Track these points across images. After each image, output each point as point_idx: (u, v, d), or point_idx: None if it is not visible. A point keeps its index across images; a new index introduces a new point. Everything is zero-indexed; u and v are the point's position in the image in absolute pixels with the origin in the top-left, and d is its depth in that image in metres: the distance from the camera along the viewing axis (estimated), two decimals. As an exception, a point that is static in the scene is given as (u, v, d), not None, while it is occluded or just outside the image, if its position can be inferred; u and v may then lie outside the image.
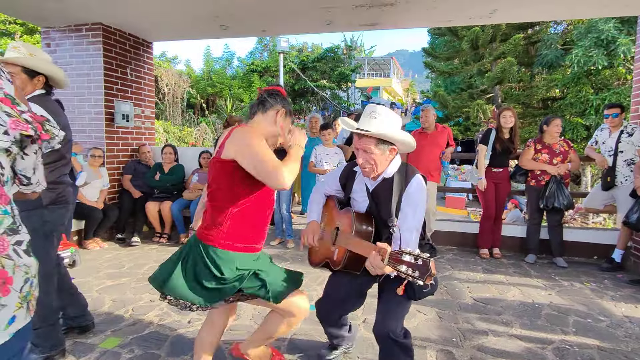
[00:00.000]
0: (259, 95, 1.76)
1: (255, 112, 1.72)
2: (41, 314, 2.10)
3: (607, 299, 3.26)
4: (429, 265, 1.34)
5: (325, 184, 2.15)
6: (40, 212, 2.05)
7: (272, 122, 1.71)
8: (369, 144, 1.75)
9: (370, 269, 1.55)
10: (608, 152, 4.12)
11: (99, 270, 3.85)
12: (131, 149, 5.56)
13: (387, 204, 1.80)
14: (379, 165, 1.80)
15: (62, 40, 5.16)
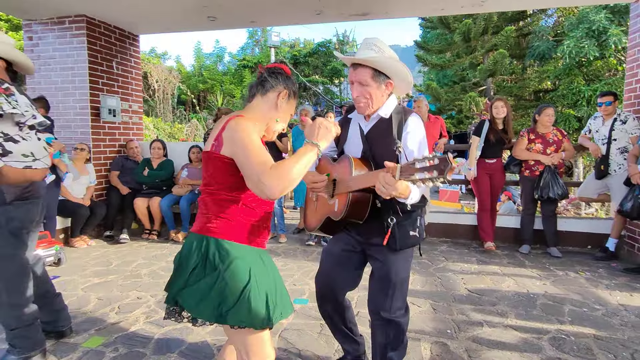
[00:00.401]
0: (258, 74, 1.52)
1: (254, 93, 1.49)
2: (15, 315, 2.01)
3: (602, 288, 3.23)
4: (447, 158, 1.16)
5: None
6: (4, 209, 1.94)
7: (272, 105, 1.47)
8: (364, 75, 1.64)
9: (382, 191, 1.35)
10: (601, 141, 4.09)
11: (86, 268, 3.75)
12: (119, 144, 5.44)
13: (384, 147, 1.65)
14: (375, 100, 1.68)
15: (45, 34, 5.01)
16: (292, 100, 1.51)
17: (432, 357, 2.20)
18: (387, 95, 1.73)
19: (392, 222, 1.64)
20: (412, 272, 3.63)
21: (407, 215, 1.67)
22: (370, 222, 1.69)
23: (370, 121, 1.76)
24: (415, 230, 1.69)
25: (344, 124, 1.87)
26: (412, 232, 1.68)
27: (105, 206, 4.84)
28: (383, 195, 1.38)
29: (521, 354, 2.23)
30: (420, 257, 4.08)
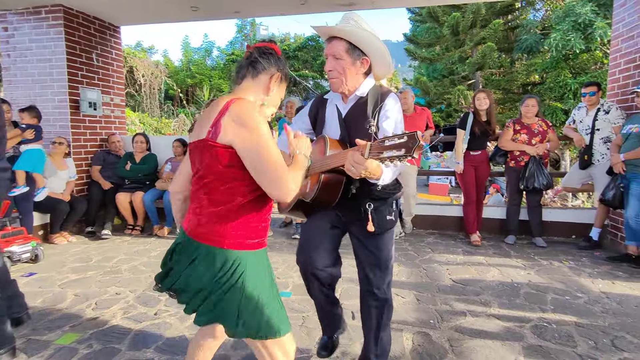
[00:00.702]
0: (247, 53, 1.39)
1: (244, 75, 1.35)
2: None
3: (584, 276, 3.24)
4: (416, 136, 1.16)
5: (293, 125, 1.93)
6: None
7: (264, 89, 1.36)
8: (339, 48, 1.59)
9: (351, 170, 1.32)
10: (585, 131, 4.10)
11: (64, 264, 3.65)
12: (100, 138, 5.32)
13: (364, 130, 1.56)
14: (348, 78, 1.62)
15: (21, 24, 4.85)
16: (284, 84, 1.42)
17: (413, 348, 2.18)
18: (362, 75, 1.67)
19: (369, 207, 1.64)
20: (397, 263, 3.61)
21: (383, 201, 1.68)
22: (349, 205, 1.68)
23: (348, 102, 1.71)
24: (392, 214, 1.73)
25: (319, 106, 1.83)
26: (388, 217, 1.71)
27: (86, 201, 4.73)
28: (352, 174, 1.34)
29: (503, 342, 2.21)
30: (406, 249, 4.06)
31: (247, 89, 1.35)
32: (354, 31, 1.57)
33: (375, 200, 1.66)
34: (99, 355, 2.12)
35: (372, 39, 1.60)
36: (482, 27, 13.28)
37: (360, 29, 1.58)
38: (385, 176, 1.45)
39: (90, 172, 5.05)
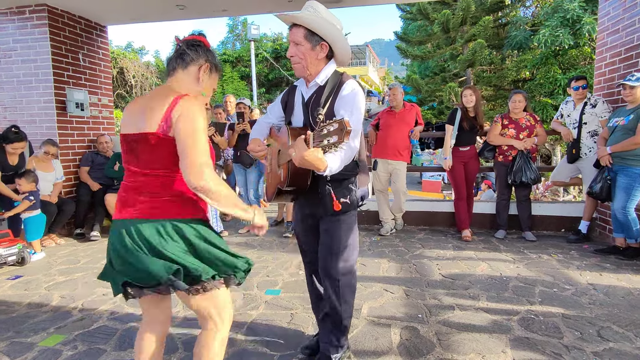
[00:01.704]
0: (176, 46, 1.45)
1: (175, 67, 1.41)
2: None
3: (572, 269, 3.26)
4: (343, 123, 1.25)
5: (268, 112, 2.06)
6: None
7: (194, 79, 1.42)
8: (298, 35, 1.67)
9: (294, 157, 1.40)
10: (573, 125, 4.12)
11: (51, 266, 3.61)
12: (88, 139, 5.26)
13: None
14: (309, 63, 1.70)
15: (4, 24, 4.78)
16: (215, 74, 1.49)
17: (401, 342, 2.18)
18: (324, 60, 1.74)
19: (329, 188, 1.73)
20: (387, 259, 3.61)
21: (338, 184, 1.76)
22: (310, 192, 1.77)
23: (309, 88, 1.79)
24: (346, 197, 1.78)
25: (289, 92, 1.92)
26: (342, 199, 1.77)
27: (74, 203, 4.68)
28: (296, 163, 1.40)
29: (490, 335, 2.22)
30: (397, 245, 4.06)
31: (179, 80, 1.42)
32: (310, 18, 1.64)
33: (333, 182, 1.73)
34: (83, 356, 2.09)
35: (327, 24, 1.67)
36: (472, 24, 13.34)
37: (317, 17, 1.65)
38: (332, 166, 1.48)
39: (78, 174, 4.99)
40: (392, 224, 4.65)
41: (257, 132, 2.00)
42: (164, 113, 1.28)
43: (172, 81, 1.42)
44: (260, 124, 2.04)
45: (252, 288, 3.01)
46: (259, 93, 19.35)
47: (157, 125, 1.28)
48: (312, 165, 1.40)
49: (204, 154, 1.27)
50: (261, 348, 2.15)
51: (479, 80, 13.30)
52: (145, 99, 1.39)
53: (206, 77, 1.45)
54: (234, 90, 18.71)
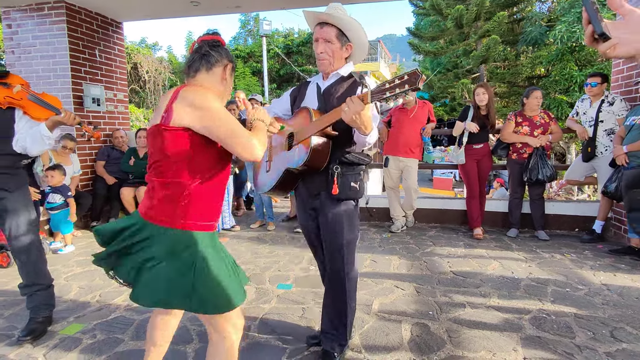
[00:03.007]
0: (194, 46, 1.43)
1: (198, 68, 1.39)
2: None
3: (586, 269, 3.23)
4: (417, 71, 1.33)
5: (271, 106, 2.13)
6: None
7: (220, 80, 1.42)
8: (330, 33, 1.78)
9: (351, 116, 1.49)
10: (588, 123, 4.06)
11: (70, 258, 3.71)
12: (104, 134, 5.36)
13: (341, 102, 1.65)
14: (336, 59, 1.82)
15: (24, 21, 4.89)
16: (233, 73, 1.52)
17: (412, 338, 2.20)
18: (344, 59, 1.88)
19: (336, 170, 1.78)
20: (398, 256, 3.62)
21: (350, 168, 1.81)
22: (318, 175, 1.83)
23: (328, 80, 1.90)
24: (357, 182, 1.83)
25: (301, 87, 2.01)
26: (352, 184, 1.81)
27: (90, 196, 4.79)
28: (344, 116, 1.50)
29: (501, 333, 2.22)
30: (407, 242, 4.07)
31: (202, 81, 1.40)
32: (345, 19, 1.75)
33: (343, 165, 1.79)
34: (102, 345, 2.16)
35: (359, 28, 1.80)
36: (486, 20, 13.16)
37: (349, 18, 1.76)
38: (372, 134, 1.64)
39: (94, 168, 5.10)
40: (403, 221, 4.65)
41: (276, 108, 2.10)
42: (167, 104, 1.29)
43: (194, 82, 1.40)
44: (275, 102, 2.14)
45: (264, 282, 3.05)
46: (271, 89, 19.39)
47: (160, 117, 1.30)
48: (364, 123, 1.52)
49: (242, 131, 1.28)
50: (273, 341, 2.19)
51: (492, 77, 13.13)
52: (162, 97, 1.40)
53: (230, 77, 1.46)
54: (246, 85, 18.78)
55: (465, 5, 13.18)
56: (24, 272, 2.30)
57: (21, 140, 2.22)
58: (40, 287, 2.33)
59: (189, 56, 1.45)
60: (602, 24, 0.74)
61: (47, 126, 2.19)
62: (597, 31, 0.75)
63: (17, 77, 2.31)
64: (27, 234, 2.28)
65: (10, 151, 2.23)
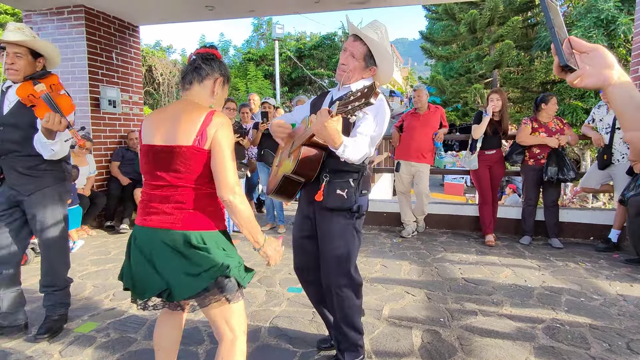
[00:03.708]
0: (190, 59, 1.50)
1: (191, 81, 1.46)
2: None
3: (601, 279, 3.18)
4: (373, 85, 1.34)
5: (294, 111, 2.14)
6: None
7: (210, 92, 1.49)
8: (359, 50, 1.77)
9: (317, 127, 1.50)
10: (605, 130, 4.00)
11: (84, 257, 3.78)
12: (119, 135, 5.45)
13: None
14: (354, 76, 1.80)
15: (44, 24, 5.02)
16: (226, 86, 1.55)
17: (422, 345, 2.18)
18: (364, 78, 1.84)
19: (325, 178, 1.76)
20: (408, 262, 3.60)
21: (339, 175, 1.77)
22: (313, 184, 1.80)
23: (339, 92, 1.86)
24: (344, 191, 1.76)
25: (320, 97, 2.01)
26: (339, 191, 1.75)
27: (105, 196, 4.88)
28: (315, 132, 1.52)
29: (514, 342, 2.20)
30: (418, 248, 4.05)
31: (196, 94, 1.47)
32: (379, 43, 1.75)
33: (333, 173, 1.76)
34: (115, 344, 2.20)
35: (390, 57, 1.80)
36: (500, 25, 13.04)
37: (383, 43, 1.76)
38: (347, 144, 1.56)
39: (109, 168, 5.19)
40: (414, 226, 4.63)
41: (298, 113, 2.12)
42: (199, 128, 1.36)
43: (190, 95, 1.48)
44: (283, 117, 2.13)
45: (274, 285, 3.07)
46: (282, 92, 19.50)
47: (193, 140, 1.35)
48: (330, 136, 1.50)
49: (235, 174, 1.39)
50: (283, 344, 2.20)
51: (505, 82, 12.99)
52: (168, 112, 1.43)
53: (220, 90, 1.51)
54: (258, 88, 18.91)
55: (479, 10, 13.09)
56: (44, 270, 2.33)
57: (35, 142, 2.16)
58: (58, 288, 2.36)
59: (183, 68, 1.52)
60: (565, 56, 0.75)
61: (41, 132, 2.07)
62: (561, 63, 0.76)
63: (53, 77, 2.27)
64: (50, 235, 2.27)
65: (33, 152, 2.18)
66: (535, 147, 4.14)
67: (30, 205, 2.21)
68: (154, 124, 1.43)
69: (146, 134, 1.44)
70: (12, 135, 2.15)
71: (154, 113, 1.50)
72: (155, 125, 1.42)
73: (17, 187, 2.18)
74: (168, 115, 1.42)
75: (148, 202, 1.42)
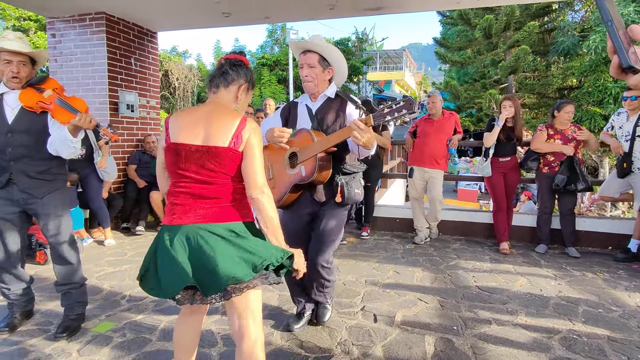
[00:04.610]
0: (219, 64, 1.59)
1: (218, 85, 1.55)
2: None
3: (620, 290, 3.10)
4: (411, 98, 1.62)
5: (263, 126, 2.32)
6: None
7: (233, 97, 1.57)
8: (313, 59, 2.07)
9: (356, 136, 1.75)
10: (625, 137, 3.92)
11: (101, 257, 3.86)
12: (136, 139, 5.57)
13: (332, 120, 2.11)
14: (319, 82, 2.11)
15: (67, 31, 5.17)
16: (251, 92, 1.63)
17: (435, 353, 2.16)
18: (328, 81, 2.16)
19: (340, 181, 2.08)
20: (421, 268, 3.58)
21: (351, 177, 2.12)
22: (324, 186, 2.11)
23: (317, 101, 2.18)
24: (359, 189, 2.15)
25: (290, 107, 2.27)
26: (356, 190, 2.12)
27: (122, 199, 4.97)
28: (357, 140, 1.75)
29: (529, 352, 2.16)
30: (431, 255, 4.02)
31: (222, 97, 1.56)
32: (325, 46, 2.08)
33: (345, 175, 2.10)
34: (131, 344, 2.24)
35: (338, 54, 2.12)
36: (516, 30, 12.92)
37: (328, 46, 2.08)
38: (372, 149, 1.93)
39: (126, 171, 5.30)
40: (427, 233, 4.60)
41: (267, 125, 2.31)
42: (235, 131, 1.45)
43: (217, 98, 1.56)
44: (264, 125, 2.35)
45: (286, 289, 3.07)
46: (295, 96, 19.62)
47: (229, 142, 1.44)
48: (370, 142, 1.80)
49: (264, 175, 1.49)
50: (296, 349, 2.21)
51: (521, 88, 12.84)
52: (200, 113, 1.49)
53: (244, 95, 1.59)
54: (271, 93, 19.07)
55: (495, 15, 12.99)
56: (58, 270, 2.40)
57: (53, 144, 2.26)
58: (73, 286, 2.43)
59: (211, 72, 1.60)
60: (628, 56, 0.66)
61: (68, 130, 2.17)
62: (624, 64, 0.67)
63: (53, 81, 2.35)
64: (63, 234, 2.35)
65: (46, 156, 2.27)
66: (550, 154, 4.08)
67: (43, 207, 2.28)
68: (186, 124, 1.47)
69: (175, 133, 1.47)
70: (23, 141, 2.22)
71: (183, 113, 1.54)
72: (188, 125, 1.47)
73: (30, 191, 2.25)
74: (200, 116, 1.48)
75: (180, 200, 1.45)
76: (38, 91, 2.26)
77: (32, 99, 2.23)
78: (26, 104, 2.22)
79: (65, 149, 2.22)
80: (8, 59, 2.18)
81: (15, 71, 2.19)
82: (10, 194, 2.23)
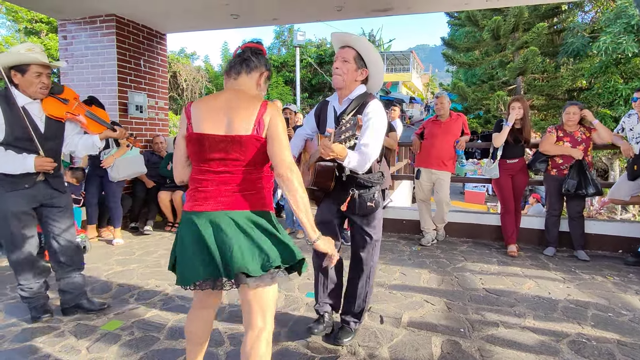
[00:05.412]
0: (238, 51, 1.57)
1: (239, 71, 1.52)
2: None
3: (630, 293, 3.06)
4: (356, 119, 1.71)
5: (304, 124, 2.37)
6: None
7: (255, 85, 1.55)
8: (349, 54, 2.00)
9: (321, 151, 1.79)
10: (635, 139, 3.87)
11: (110, 256, 3.90)
12: (145, 139, 5.62)
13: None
14: (348, 79, 2.02)
15: (78, 33, 5.25)
16: (268, 82, 1.64)
17: (442, 355, 2.16)
18: (359, 82, 2.07)
19: (353, 192, 2.08)
20: (428, 270, 3.57)
21: (366, 189, 2.11)
22: (342, 192, 2.10)
23: (342, 104, 2.11)
24: (372, 202, 2.13)
25: (322, 107, 2.23)
26: (369, 203, 2.12)
27: (130, 199, 5.02)
28: (323, 155, 1.79)
29: (537, 355, 2.15)
30: (438, 257, 4.00)
31: (243, 84, 1.53)
32: (366, 44, 1.99)
33: (360, 187, 2.10)
34: (139, 342, 2.26)
35: (377, 54, 2.03)
36: (524, 31, 12.83)
37: (370, 45, 2.01)
38: (351, 160, 1.87)
39: (135, 171, 5.35)
40: (434, 235, 4.58)
41: (294, 146, 2.34)
42: (256, 117, 1.43)
43: (238, 84, 1.53)
44: (297, 136, 2.35)
45: (293, 290, 3.09)
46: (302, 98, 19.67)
47: (252, 129, 1.43)
48: (335, 154, 1.77)
49: (290, 154, 1.48)
50: (302, 349, 2.22)
51: (530, 89, 12.73)
52: (221, 101, 1.47)
53: (263, 83, 1.58)
54: (279, 94, 19.14)
55: (503, 17, 12.91)
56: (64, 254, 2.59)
57: (70, 146, 2.62)
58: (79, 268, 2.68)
59: (231, 60, 1.57)
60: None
61: (100, 138, 2.65)
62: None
63: (70, 91, 2.56)
64: (71, 222, 2.60)
65: (60, 157, 2.55)
66: (558, 157, 4.05)
67: (61, 200, 2.54)
68: (209, 113, 1.46)
69: (198, 123, 1.46)
70: (51, 145, 2.46)
71: (203, 101, 1.51)
72: (210, 114, 1.45)
73: (58, 187, 2.52)
74: (221, 104, 1.46)
75: (204, 188, 1.46)
76: (64, 102, 2.48)
77: (60, 110, 2.46)
78: (54, 115, 2.43)
79: (87, 151, 2.66)
80: (39, 72, 2.32)
81: (46, 82, 2.36)
82: (36, 191, 2.41)
